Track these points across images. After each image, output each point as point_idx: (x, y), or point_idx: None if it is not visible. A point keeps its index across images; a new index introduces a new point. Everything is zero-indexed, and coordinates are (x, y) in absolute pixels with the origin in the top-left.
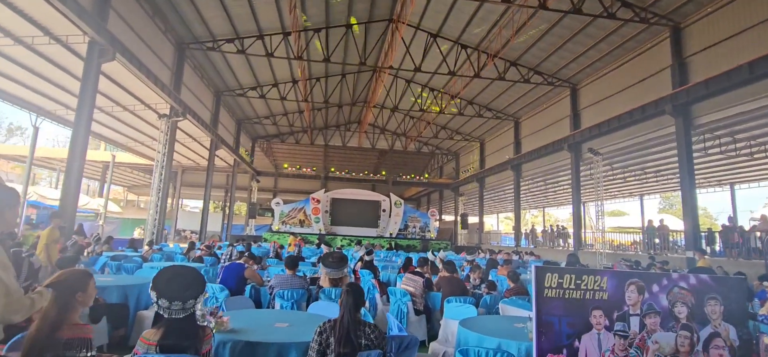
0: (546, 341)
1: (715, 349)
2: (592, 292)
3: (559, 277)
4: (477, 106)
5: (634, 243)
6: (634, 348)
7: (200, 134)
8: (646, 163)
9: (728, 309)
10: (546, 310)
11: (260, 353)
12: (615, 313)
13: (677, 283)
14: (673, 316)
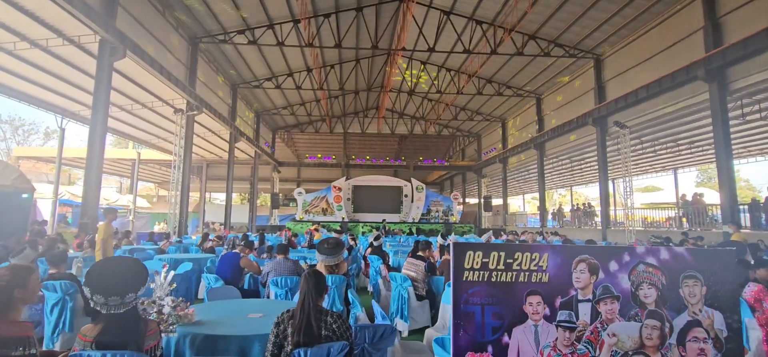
0: (465, 336)
1: (693, 341)
2: (528, 273)
3: (483, 256)
4: (496, 85)
5: (668, 219)
6: (584, 343)
7: (219, 128)
8: (679, 134)
9: (713, 290)
10: (466, 297)
11: (221, 346)
12: (558, 299)
13: (643, 259)
14: (637, 301)
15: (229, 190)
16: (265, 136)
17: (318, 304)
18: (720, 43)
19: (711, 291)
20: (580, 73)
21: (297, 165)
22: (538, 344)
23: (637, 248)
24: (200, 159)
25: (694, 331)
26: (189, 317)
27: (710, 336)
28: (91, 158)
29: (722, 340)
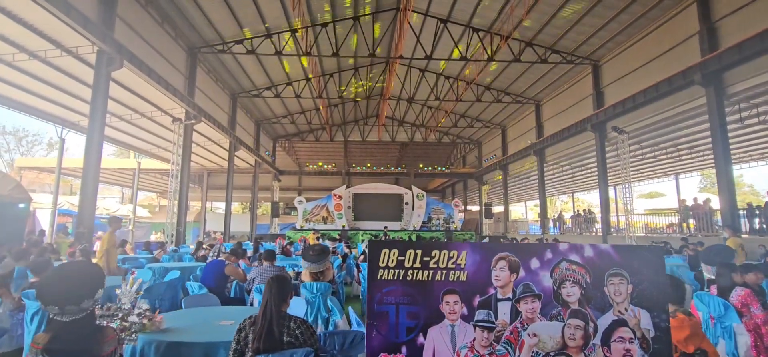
0: (378, 337)
1: (618, 342)
2: (445, 271)
3: (398, 254)
4: (495, 92)
5: (670, 225)
6: (503, 343)
7: (219, 137)
8: (679, 139)
9: (639, 288)
10: (380, 296)
11: (184, 353)
12: (476, 298)
13: (566, 256)
14: (559, 299)
15: (229, 199)
16: (265, 144)
17: (281, 309)
18: (716, 48)
19: (637, 289)
20: (578, 79)
21: (298, 173)
22: (454, 345)
23: (560, 245)
24: (201, 168)
25: (619, 330)
26: (157, 325)
27: (636, 336)
28: (88, 168)
29: (649, 340)
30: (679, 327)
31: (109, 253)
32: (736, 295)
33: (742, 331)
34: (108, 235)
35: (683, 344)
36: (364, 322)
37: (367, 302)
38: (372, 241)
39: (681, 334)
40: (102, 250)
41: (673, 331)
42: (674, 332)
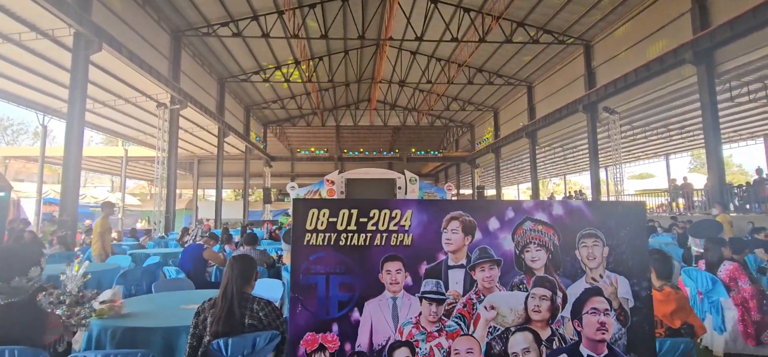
0: (304, 314)
1: (592, 313)
2: (386, 234)
3: (329, 214)
4: (487, 74)
5: (660, 205)
6: (455, 318)
7: (207, 123)
8: (669, 119)
9: (617, 252)
10: (306, 265)
11: (141, 338)
12: (423, 266)
13: (531, 215)
14: (522, 265)
15: (219, 185)
16: (256, 130)
17: (244, 291)
18: (707, 25)
19: (614, 252)
20: (571, 59)
21: (290, 159)
22: (396, 321)
23: (524, 202)
24: (190, 155)
25: (592, 300)
26: (116, 310)
27: (612, 306)
28: (69, 155)
29: (627, 311)
30: (666, 301)
31: (104, 237)
32: (725, 269)
33: (730, 306)
34: (101, 220)
35: (669, 319)
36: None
37: (290, 273)
38: (297, 199)
39: (667, 308)
40: (96, 234)
41: (659, 305)
42: (660, 306)
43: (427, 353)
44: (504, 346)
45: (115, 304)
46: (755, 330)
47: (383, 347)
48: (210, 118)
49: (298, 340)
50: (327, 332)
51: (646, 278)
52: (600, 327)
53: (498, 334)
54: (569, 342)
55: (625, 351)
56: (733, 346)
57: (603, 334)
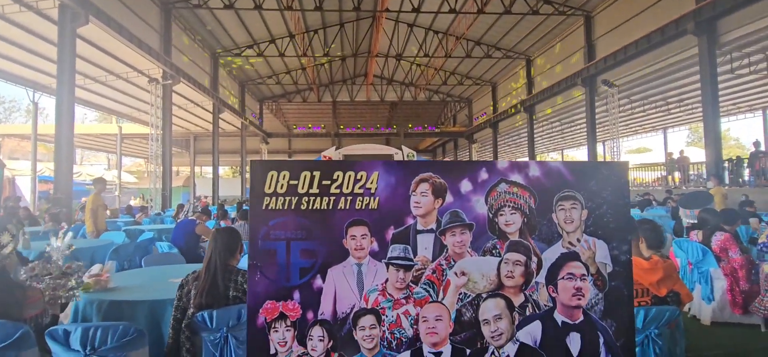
0: (263, 281)
1: (568, 279)
2: (351, 197)
3: (290, 176)
4: (485, 47)
5: (656, 179)
6: (423, 284)
7: (202, 99)
8: (668, 92)
9: (596, 215)
10: (266, 230)
11: (127, 312)
12: (390, 231)
13: (505, 176)
14: (495, 230)
15: (215, 163)
16: (251, 107)
17: (228, 263)
18: None
19: (594, 215)
20: (570, 31)
21: (286, 136)
22: (361, 288)
23: (499, 163)
24: (186, 132)
25: (569, 266)
26: (102, 283)
27: (590, 272)
28: (61, 131)
29: (605, 277)
30: (653, 270)
31: (97, 213)
32: (716, 239)
33: (719, 275)
34: (93, 196)
35: (656, 287)
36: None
37: (249, 238)
38: (254, 161)
39: (654, 276)
40: (88, 210)
41: (646, 274)
42: (647, 275)
43: (393, 321)
44: (474, 313)
45: (102, 278)
46: (743, 299)
47: (347, 315)
48: (204, 94)
49: (257, 309)
50: (288, 300)
51: (626, 242)
52: (576, 293)
53: (468, 301)
54: (543, 308)
55: (602, 317)
56: (720, 315)
57: (579, 300)
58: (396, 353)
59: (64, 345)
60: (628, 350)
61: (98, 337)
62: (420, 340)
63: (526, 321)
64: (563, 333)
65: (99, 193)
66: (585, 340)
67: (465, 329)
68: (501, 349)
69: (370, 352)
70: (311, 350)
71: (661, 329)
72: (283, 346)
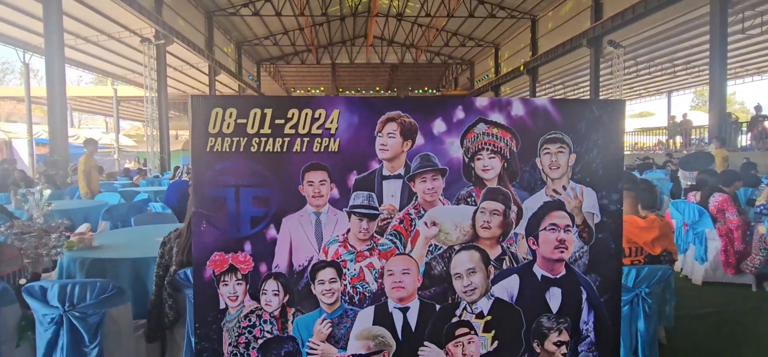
0: (210, 232)
1: (550, 230)
2: (308, 139)
3: (238, 114)
4: (489, 6)
5: (659, 143)
6: (389, 235)
7: (197, 60)
8: (675, 53)
9: (586, 160)
10: (211, 175)
11: (110, 269)
12: (352, 176)
13: (485, 116)
14: (471, 175)
15: None
16: (248, 69)
17: None
18: None
19: (582, 161)
20: None
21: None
22: (320, 239)
23: (477, 100)
24: (182, 95)
25: (552, 215)
26: (86, 242)
27: (575, 222)
28: (53, 92)
29: (592, 228)
30: (649, 228)
31: (90, 175)
32: (714, 200)
33: (714, 236)
34: (85, 158)
35: (650, 246)
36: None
37: (192, 184)
38: (195, 96)
39: (650, 234)
40: (80, 172)
41: (641, 233)
42: (642, 233)
43: (356, 274)
44: (445, 267)
45: (85, 236)
46: (736, 260)
47: (305, 268)
48: (199, 55)
49: (204, 261)
50: (238, 252)
51: (617, 191)
52: (558, 245)
53: (439, 254)
54: (522, 262)
55: (586, 271)
56: (712, 276)
57: (561, 253)
58: (358, 308)
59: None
60: (613, 307)
61: (76, 294)
62: (385, 295)
63: (502, 275)
64: (543, 288)
65: (91, 154)
66: (566, 295)
67: (435, 284)
68: (474, 305)
69: (329, 308)
70: (265, 305)
71: (652, 288)
72: (233, 300)
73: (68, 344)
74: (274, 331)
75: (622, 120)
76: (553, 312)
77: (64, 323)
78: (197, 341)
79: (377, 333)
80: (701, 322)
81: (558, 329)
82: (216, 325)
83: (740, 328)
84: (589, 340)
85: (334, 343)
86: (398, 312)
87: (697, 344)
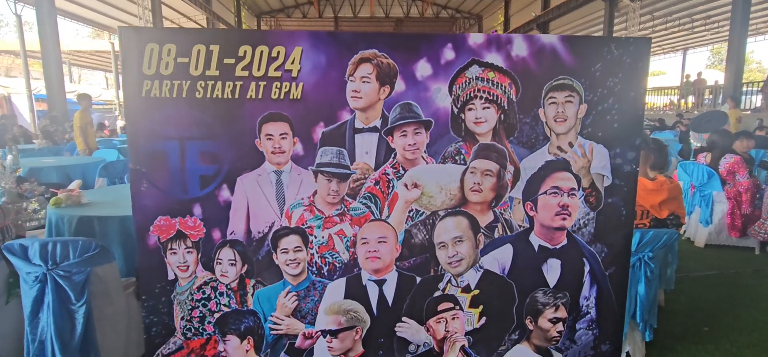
0: (152, 193)
1: (552, 194)
2: (264, 83)
3: (178, 52)
4: None
5: (670, 104)
6: (363, 198)
7: (194, 12)
8: (694, 7)
9: (598, 110)
10: (151, 127)
11: (98, 227)
12: (318, 129)
13: (479, 56)
14: (461, 129)
15: None
16: (248, 23)
17: None
18: None
19: (595, 112)
20: None
21: None
22: (282, 202)
23: (470, 37)
24: None
25: (555, 177)
26: (74, 199)
27: (581, 185)
28: (46, 46)
29: (600, 192)
30: (657, 190)
31: (86, 131)
32: (726, 161)
33: (721, 199)
34: (80, 114)
35: (657, 209)
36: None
37: (127, 137)
38: (125, 29)
39: (657, 197)
40: (76, 128)
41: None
42: (650, 196)
43: (324, 242)
44: (428, 235)
45: (73, 194)
46: (742, 223)
47: (265, 235)
48: (195, 6)
49: (146, 226)
50: (186, 216)
51: (634, 148)
52: (560, 211)
53: (421, 220)
54: (517, 230)
55: (591, 241)
56: (715, 239)
57: (563, 220)
58: (327, 281)
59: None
60: (619, 281)
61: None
62: (358, 265)
63: (493, 244)
64: (540, 259)
65: (86, 109)
66: (566, 267)
67: (415, 253)
68: (459, 278)
69: (294, 279)
70: (220, 276)
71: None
72: (183, 270)
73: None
74: (231, 304)
75: (646, 62)
76: (551, 286)
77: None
78: (145, 315)
79: (349, 307)
80: (700, 283)
81: (555, 305)
82: (165, 297)
83: (740, 291)
84: (589, 317)
85: (301, 317)
86: (373, 285)
87: (697, 305)
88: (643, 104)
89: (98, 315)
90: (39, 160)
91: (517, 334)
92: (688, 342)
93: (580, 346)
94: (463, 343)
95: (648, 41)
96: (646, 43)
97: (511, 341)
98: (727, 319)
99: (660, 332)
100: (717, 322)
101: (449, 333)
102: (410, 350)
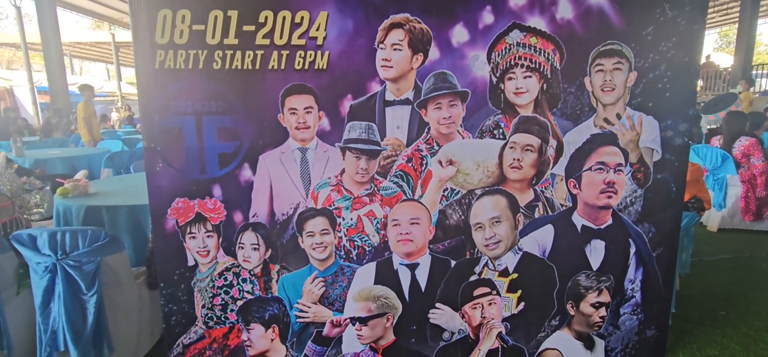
0: (168, 172)
1: (598, 170)
2: (287, 52)
3: (193, 19)
4: None
5: None
6: (394, 177)
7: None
8: None
9: (651, 79)
10: (163, 102)
11: (107, 216)
12: (346, 102)
13: (520, 19)
14: (499, 100)
15: None
16: None
17: None
18: None
19: (645, 80)
20: None
21: None
22: (307, 182)
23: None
24: None
25: (601, 151)
26: (81, 189)
27: (628, 161)
28: (46, 36)
29: (649, 168)
30: None
31: (90, 121)
32: (741, 144)
33: (736, 182)
34: (83, 105)
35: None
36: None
37: (140, 112)
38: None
39: None
40: (80, 120)
41: None
42: None
43: (353, 225)
44: (464, 215)
45: (80, 183)
46: (757, 206)
47: (289, 217)
48: None
49: (163, 209)
50: (206, 198)
51: (687, 120)
52: (606, 188)
53: (457, 199)
54: (558, 209)
55: (638, 220)
56: (729, 223)
57: (609, 199)
58: (357, 265)
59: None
60: (667, 263)
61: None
62: (389, 249)
63: (533, 225)
64: (582, 240)
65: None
66: (611, 249)
67: (450, 235)
68: (497, 261)
69: (321, 264)
70: (243, 261)
71: None
72: (204, 256)
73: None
74: (255, 291)
75: (702, 25)
76: (594, 269)
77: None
78: (164, 303)
79: (380, 293)
80: (715, 267)
81: (598, 288)
82: (184, 284)
83: (755, 274)
84: (634, 301)
85: (328, 304)
86: (405, 269)
87: (712, 289)
88: (698, 71)
89: (109, 304)
90: (44, 151)
91: (558, 319)
92: (706, 326)
93: (623, 331)
94: (500, 330)
95: (705, 0)
96: (703, 3)
97: (551, 327)
98: (743, 302)
99: (677, 317)
100: (733, 306)
101: (486, 319)
102: (444, 338)
